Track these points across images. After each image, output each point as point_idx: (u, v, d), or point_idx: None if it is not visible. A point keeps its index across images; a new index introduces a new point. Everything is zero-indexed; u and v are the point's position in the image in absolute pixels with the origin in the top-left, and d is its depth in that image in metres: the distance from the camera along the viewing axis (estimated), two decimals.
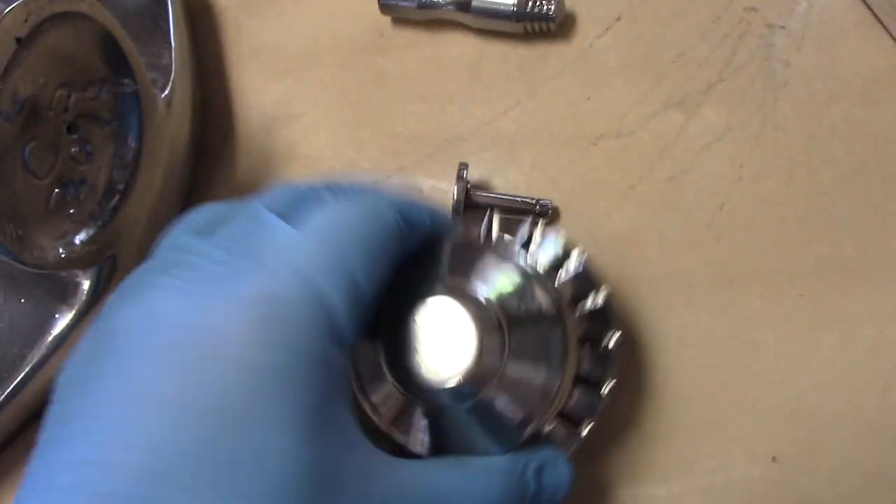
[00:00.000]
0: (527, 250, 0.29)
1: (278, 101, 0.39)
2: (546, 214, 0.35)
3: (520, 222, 0.30)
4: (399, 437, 0.27)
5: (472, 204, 0.35)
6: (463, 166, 0.34)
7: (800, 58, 0.35)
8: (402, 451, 0.28)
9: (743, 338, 0.32)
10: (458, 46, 0.38)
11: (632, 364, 0.33)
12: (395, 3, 0.38)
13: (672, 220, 0.34)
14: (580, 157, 0.36)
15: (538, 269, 0.29)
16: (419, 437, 0.27)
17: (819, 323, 0.32)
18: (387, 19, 0.39)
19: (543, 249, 0.30)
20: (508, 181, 0.36)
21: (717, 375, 0.32)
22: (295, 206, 0.25)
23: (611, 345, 0.29)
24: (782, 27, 0.36)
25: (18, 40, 0.27)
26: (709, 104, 0.35)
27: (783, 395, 0.32)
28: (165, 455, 0.20)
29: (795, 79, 0.35)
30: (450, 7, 0.37)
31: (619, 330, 0.29)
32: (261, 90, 0.40)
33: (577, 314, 0.29)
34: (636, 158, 0.35)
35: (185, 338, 0.21)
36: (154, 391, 0.20)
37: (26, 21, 0.27)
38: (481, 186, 0.36)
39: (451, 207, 0.34)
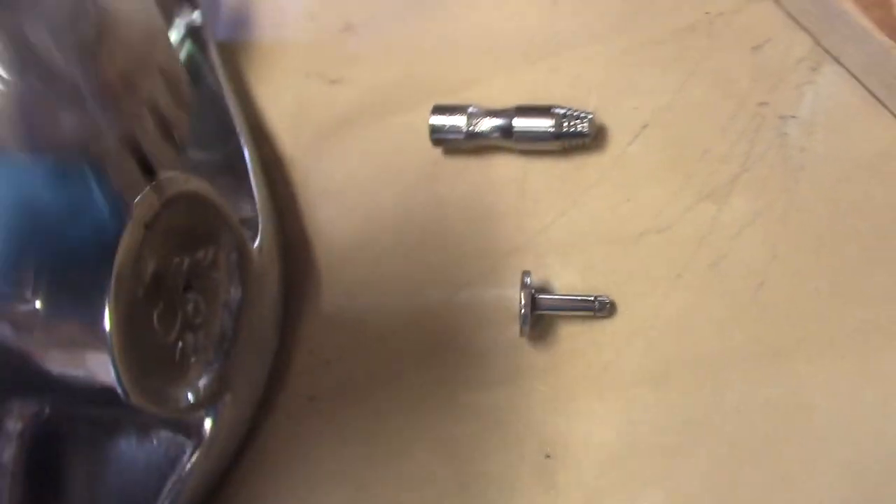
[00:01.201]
0: None
1: (351, 234, 0.44)
2: (605, 309, 0.39)
3: None
4: None
5: (536, 307, 0.39)
6: (526, 274, 0.39)
7: (813, 143, 0.39)
8: None
9: (795, 402, 0.36)
10: (505, 168, 0.43)
11: (695, 432, 0.36)
12: (445, 136, 0.43)
13: (718, 303, 0.38)
14: (627, 253, 0.40)
15: None
16: None
17: (865, 380, 0.35)
18: (438, 151, 0.44)
19: None
20: (565, 283, 0.40)
21: (778, 440, 0.36)
22: None
23: None
24: (793, 117, 0.40)
25: (146, 226, 0.32)
26: (736, 194, 0.39)
27: (840, 449, 0.35)
28: None
29: (811, 162, 0.39)
30: (495, 135, 0.42)
31: None
32: (335, 225, 0.45)
33: None
34: (678, 249, 0.39)
35: None
36: None
37: (152, 208, 0.32)
38: (543, 290, 0.40)
39: (519, 312, 0.38)
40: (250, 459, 0.42)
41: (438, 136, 0.43)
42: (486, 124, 0.42)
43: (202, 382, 0.36)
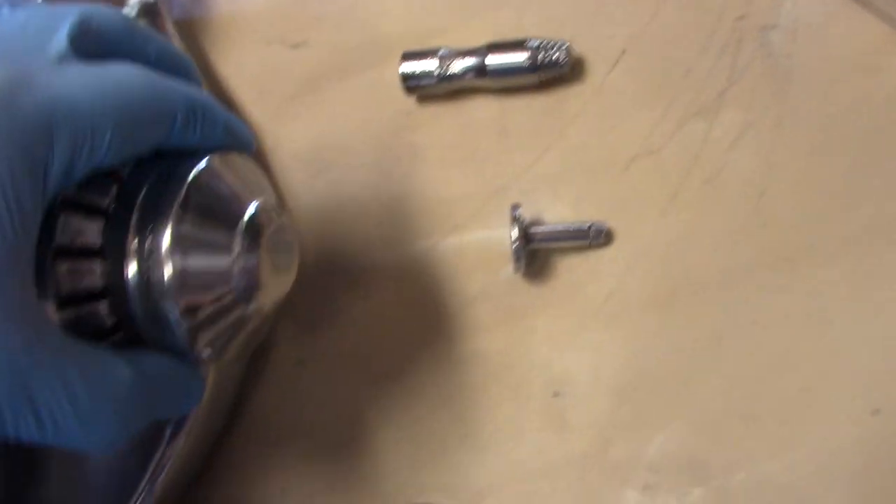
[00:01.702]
0: None
1: (327, 194, 0.42)
2: (601, 237, 0.37)
3: None
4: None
5: (529, 241, 0.37)
6: (515, 207, 0.37)
7: (798, 49, 0.38)
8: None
9: (811, 309, 0.34)
10: (482, 109, 0.41)
11: (710, 351, 0.34)
12: (417, 83, 0.41)
13: (719, 219, 0.36)
14: (618, 180, 0.38)
15: None
16: None
17: (879, 278, 0.34)
18: (411, 99, 0.43)
19: None
20: (558, 216, 0.38)
21: (798, 349, 0.34)
22: (106, 49, 0.27)
23: None
24: (774, 26, 0.39)
25: None
26: (725, 108, 0.38)
27: (865, 353, 0.33)
28: None
29: (799, 68, 0.38)
30: (469, 75, 0.40)
31: None
32: (311, 187, 0.42)
33: None
34: (670, 170, 0.38)
35: None
36: None
37: None
38: (534, 224, 0.38)
39: (511, 250, 0.36)
40: (240, 427, 0.39)
41: (411, 84, 0.41)
42: (459, 65, 0.40)
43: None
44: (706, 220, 0.37)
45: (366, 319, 0.40)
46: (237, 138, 0.30)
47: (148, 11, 0.46)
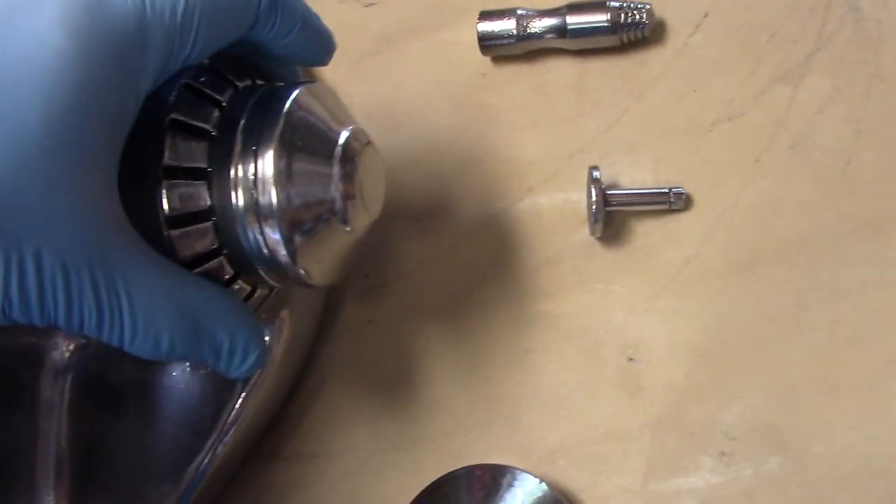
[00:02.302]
0: None
1: (399, 154, 0.42)
2: (680, 201, 0.36)
3: None
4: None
5: (607, 204, 0.36)
6: (594, 169, 0.36)
7: (888, 15, 0.37)
8: None
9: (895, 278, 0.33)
10: (559, 70, 0.41)
11: (791, 319, 0.34)
12: (494, 42, 0.41)
13: (803, 184, 0.36)
14: (699, 144, 0.38)
15: None
16: None
17: None
18: (487, 59, 0.42)
19: None
20: (635, 180, 0.38)
21: (882, 318, 0.33)
22: None
23: None
24: None
25: None
26: (812, 73, 0.37)
27: None
28: None
29: (890, 32, 0.37)
30: (548, 35, 0.40)
31: None
32: (384, 145, 0.42)
33: None
34: (753, 135, 0.37)
35: None
36: None
37: None
38: (612, 187, 0.37)
39: (589, 212, 0.36)
40: (310, 384, 0.40)
41: (487, 44, 0.41)
42: (538, 25, 0.40)
43: None
44: (789, 186, 0.36)
45: (437, 279, 0.40)
46: (315, 31, 0.31)
47: None
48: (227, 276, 0.29)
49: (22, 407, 0.37)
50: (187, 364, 0.37)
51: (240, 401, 0.37)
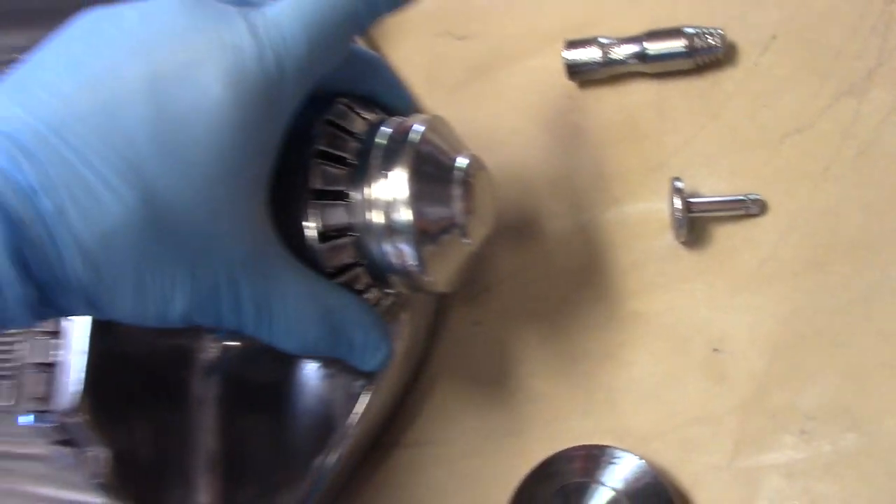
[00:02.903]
0: None
1: (496, 172, 0.46)
2: (757, 206, 0.40)
3: None
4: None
5: (690, 211, 0.40)
6: (676, 179, 0.40)
7: None
8: None
9: None
10: (640, 91, 0.45)
11: (861, 311, 0.37)
12: (580, 69, 0.45)
13: (870, 190, 0.39)
14: (772, 155, 0.41)
15: None
16: None
17: None
18: (572, 84, 0.47)
19: None
20: (713, 189, 0.42)
21: None
22: None
23: None
24: None
25: None
26: (875, 86, 0.41)
27: None
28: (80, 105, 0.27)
29: None
30: (630, 61, 0.44)
31: None
32: None
33: None
34: (822, 145, 0.41)
35: (155, 30, 0.28)
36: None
37: None
38: (693, 195, 0.41)
39: (673, 218, 0.40)
40: (425, 379, 0.44)
41: (574, 70, 0.45)
42: (620, 51, 0.44)
43: None
44: (857, 190, 0.39)
45: (536, 283, 0.44)
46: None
47: None
48: (363, 285, 0.34)
49: (178, 403, 0.42)
50: (318, 364, 0.42)
51: (366, 396, 0.41)
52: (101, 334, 0.38)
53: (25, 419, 0.37)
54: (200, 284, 0.29)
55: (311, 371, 0.43)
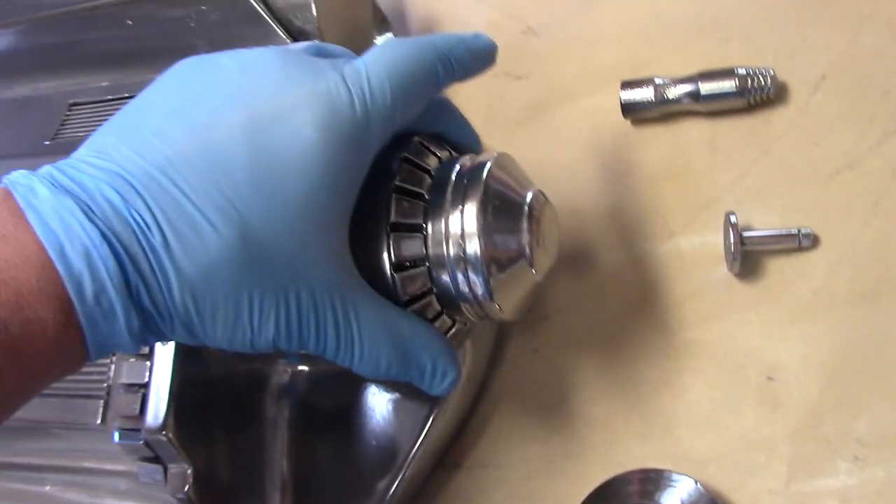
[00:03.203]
0: None
1: (557, 205, 0.49)
2: (809, 240, 0.42)
3: None
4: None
5: (744, 244, 0.42)
6: (730, 214, 0.42)
7: None
8: None
9: None
10: (693, 129, 0.47)
11: None
12: (634, 108, 0.47)
13: None
14: (823, 191, 0.43)
15: None
16: None
17: None
18: (626, 122, 0.49)
19: None
20: (766, 223, 0.44)
21: None
22: None
23: None
24: None
25: None
26: None
27: None
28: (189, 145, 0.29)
29: None
30: (684, 101, 0.46)
31: None
32: None
33: None
34: (873, 181, 0.42)
35: (251, 82, 0.31)
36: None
37: None
38: (746, 229, 0.43)
39: (728, 251, 0.42)
40: (486, 404, 0.46)
41: (629, 109, 0.48)
42: (674, 91, 0.46)
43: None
44: None
45: (593, 313, 0.46)
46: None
47: None
48: (434, 313, 0.36)
49: (253, 424, 0.44)
50: (385, 389, 0.44)
51: (431, 420, 0.43)
52: (185, 357, 0.40)
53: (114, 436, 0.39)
54: (288, 312, 0.31)
55: (376, 395, 0.44)
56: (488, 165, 0.35)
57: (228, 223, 0.29)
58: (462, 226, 0.34)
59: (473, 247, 0.34)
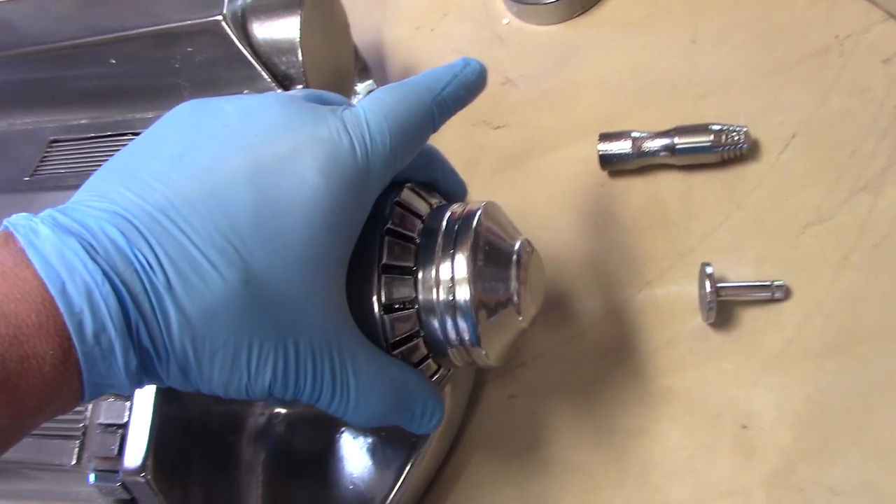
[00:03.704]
0: None
1: None
2: (781, 292, 0.43)
3: None
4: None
5: (719, 295, 0.43)
6: (706, 265, 0.43)
7: None
8: None
9: None
10: (669, 182, 0.48)
11: (881, 392, 0.40)
12: (611, 159, 0.49)
13: (886, 278, 0.42)
14: (794, 244, 0.44)
15: None
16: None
17: None
18: (604, 173, 0.50)
19: None
20: (739, 275, 0.45)
21: None
22: None
23: None
24: None
25: None
26: (888, 183, 0.44)
27: None
28: (187, 188, 0.29)
29: None
30: (662, 154, 0.47)
31: None
32: None
33: None
34: (841, 236, 0.44)
35: (253, 129, 0.31)
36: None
37: None
38: (721, 280, 0.44)
39: (704, 303, 0.43)
40: (463, 449, 0.46)
41: (606, 160, 0.49)
42: (651, 144, 0.48)
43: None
44: (875, 279, 0.42)
45: (570, 359, 0.47)
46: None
47: None
48: (420, 356, 0.36)
49: (230, 467, 0.44)
50: (363, 433, 0.44)
51: (409, 465, 0.43)
52: (165, 398, 0.40)
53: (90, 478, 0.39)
54: (286, 359, 0.31)
55: (354, 439, 0.44)
56: (479, 214, 0.36)
57: (231, 266, 0.29)
58: (453, 272, 0.35)
59: (463, 293, 0.34)
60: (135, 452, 0.38)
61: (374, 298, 0.34)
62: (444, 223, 0.36)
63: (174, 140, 0.31)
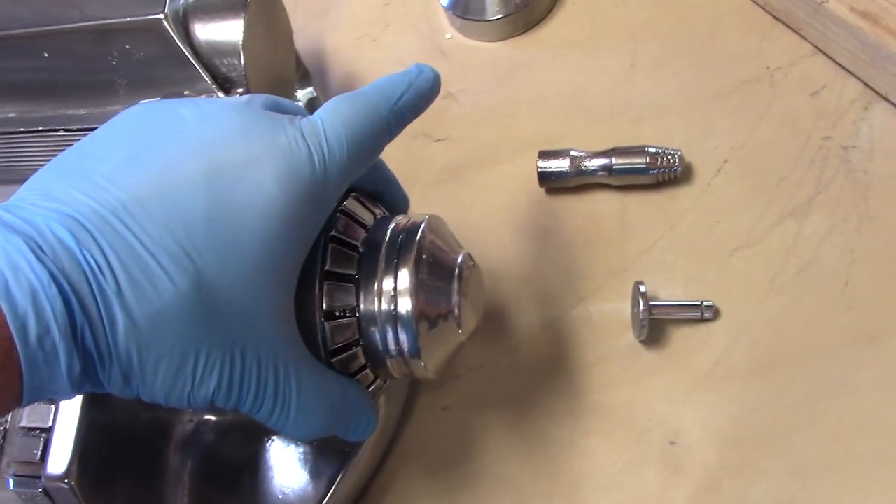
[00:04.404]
0: None
1: None
2: (711, 312, 0.44)
3: None
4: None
5: (651, 313, 0.44)
6: (640, 283, 0.44)
7: (874, 166, 0.46)
8: None
9: (893, 378, 0.41)
10: (605, 201, 0.49)
11: (805, 412, 0.41)
12: (550, 177, 0.49)
13: (810, 302, 0.44)
14: (724, 266, 0.46)
15: None
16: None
17: None
18: (541, 190, 0.51)
19: None
20: (671, 294, 0.46)
21: (882, 412, 0.41)
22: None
23: None
24: (854, 146, 0.47)
25: None
26: (814, 211, 0.46)
27: None
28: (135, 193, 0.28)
29: (876, 181, 0.46)
30: (599, 173, 0.48)
31: None
32: None
33: None
34: (768, 260, 0.45)
35: (209, 135, 0.30)
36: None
37: None
38: (653, 299, 0.45)
39: (636, 319, 0.44)
40: (394, 460, 0.46)
41: (545, 177, 0.49)
42: (589, 164, 0.49)
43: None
44: (800, 302, 0.44)
45: (504, 373, 0.47)
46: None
47: (311, 104, 0.55)
48: (357, 366, 0.36)
49: (156, 475, 0.43)
50: (294, 442, 0.44)
51: (340, 476, 0.43)
52: (92, 403, 0.38)
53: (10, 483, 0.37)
54: (233, 368, 0.30)
55: (284, 449, 0.44)
56: (423, 226, 0.36)
57: (183, 272, 0.28)
58: (395, 283, 0.35)
59: (405, 304, 0.34)
60: (59, 458, 0.37)
61: (316, 305, 0.34)
62: (389, 234, 0.36)
63: (127, 142, 0.30)
